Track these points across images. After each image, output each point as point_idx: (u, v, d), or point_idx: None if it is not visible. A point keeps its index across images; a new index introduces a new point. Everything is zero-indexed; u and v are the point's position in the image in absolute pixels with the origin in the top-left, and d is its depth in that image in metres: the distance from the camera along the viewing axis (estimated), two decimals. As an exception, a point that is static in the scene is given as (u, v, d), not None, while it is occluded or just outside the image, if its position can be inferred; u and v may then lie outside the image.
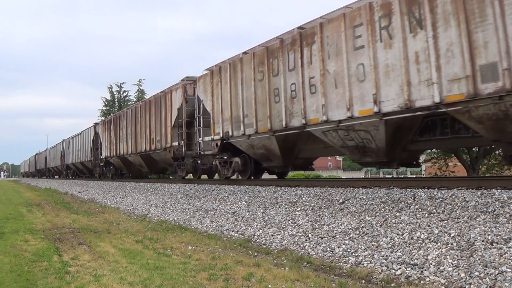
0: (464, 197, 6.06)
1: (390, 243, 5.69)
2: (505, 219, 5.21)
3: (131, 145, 20.70)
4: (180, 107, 15.63)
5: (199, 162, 15.72)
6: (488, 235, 4.96)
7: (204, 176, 17.24)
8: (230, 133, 12.16)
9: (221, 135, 12.63)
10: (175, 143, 15.90)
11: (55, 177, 48.96)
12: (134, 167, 22.23)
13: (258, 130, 11.00)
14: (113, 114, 29.89)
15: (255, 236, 7.68)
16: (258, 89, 10.97)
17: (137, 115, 20.23)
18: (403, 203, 6.71)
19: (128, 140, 21.25)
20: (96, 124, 29.24)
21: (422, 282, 4.65)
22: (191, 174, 17.07)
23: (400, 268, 5.06)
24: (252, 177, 12.99)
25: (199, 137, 14.47)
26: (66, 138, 39.23)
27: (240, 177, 13.63)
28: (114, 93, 51.48)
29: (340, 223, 6.87)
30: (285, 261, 5.99)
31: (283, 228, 7.58)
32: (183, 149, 15.47)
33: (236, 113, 11.93)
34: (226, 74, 12.36)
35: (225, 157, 13.20)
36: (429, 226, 5.70)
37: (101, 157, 26.33)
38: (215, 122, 13.04)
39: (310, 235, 6.87)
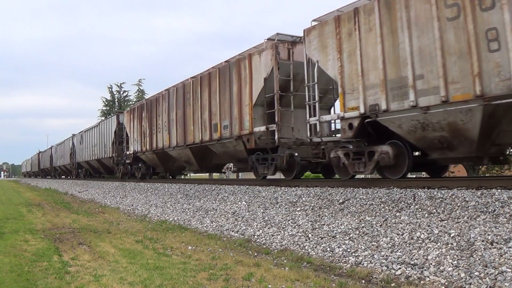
0: (464, 197, 6.06)
1: (390, 243, 5.69)
2: (505, 219, 5.21)
3: (176, 136, 16.18)
4: (268, 76, 11.31)
5: (296, 154, 11.27)
6: (488, 235, 4.96)
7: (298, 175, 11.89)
8: (383, 106, 8.09)
9: (362, 110, 8.51)
10: (259, 128, 11.61)
11: (62, 177, 44.83)
12: (176, 163, 17.99)
13: (449, 98, 7.06)
14: (144, 99, 24.11)
15: (255, 236, 7.68)
16: (449, 32, 7.05)
17: (187, 95, 15.28)
18: (403, 203, 6.71)
19: (170, 129, 16.68)
20: (119, 113, 24.55)
21: (422, 282, 4.65)
22: (281, 173, 11.98)
23: (400, 268, 5.06)
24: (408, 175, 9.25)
25: (310, 117, 9.99)
26: (77, 133, 34.03)
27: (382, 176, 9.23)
28: (114, 93, 51.59)
29: (340, 223, 6.87)
30: (285, 261, 5.99)
31: (283, 228, 7.58)
32: (276, 136, 11.11)
33: (395, 75, 7.95)
34: (371, 18, 8.37)
35: (363, 145, 8.92)
36: (429, 226, 5.70)
37: (128, 152, 21.75)
38: (346, 91, 8.91)
39: (310, 235, 6.87)
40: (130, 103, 47.15)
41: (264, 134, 11.50)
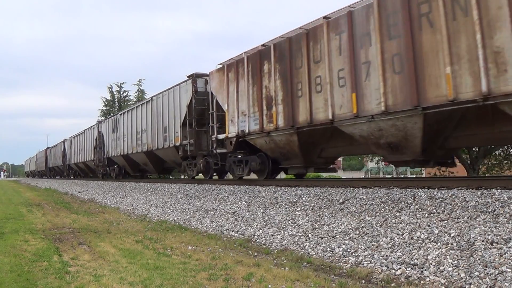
0: (464, 197, 6.06)
1: (390, 243, 5.69)
2: (505, 219, 5.21)
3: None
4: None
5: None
6: (488, 235, 4.96)
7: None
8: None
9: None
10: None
11: (77, 177, 37.37)
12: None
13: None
14: (259, 46, 12.35)
15: (255, 236, 7.68)
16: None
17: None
18: (403, 203, 6.71)
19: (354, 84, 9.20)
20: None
21: (422, 282, 4.65)
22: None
23: (400, 268, 5.06)
24: None
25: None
26: (105, 119, 28.53)
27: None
28: (114, 93, 51.64)
29: (340, 223, 6.87)
30: (285, 261, 5.99)
31: (283, 228, 7.58)
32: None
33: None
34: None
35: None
36: (429, 226, 5.70)
37: (222, 136, 13.22)
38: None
39: (310, 235, 6.87)
40: (130, 103, 47.16)
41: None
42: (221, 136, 13.18)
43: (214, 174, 15.82)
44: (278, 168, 11.92)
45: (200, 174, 15.87)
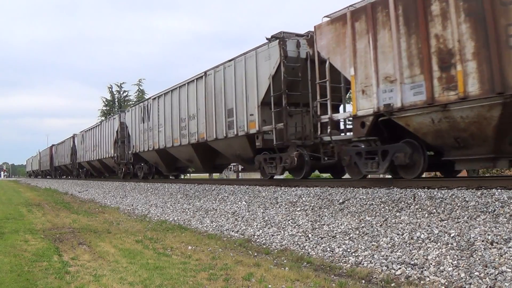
0: (464, 197, 6.06)
1: (390, 243, 5.69)
2: (505, 219, 5.21)
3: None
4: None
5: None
6: (488, 235, 4.96)
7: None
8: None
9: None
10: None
11: (90, 177, 31.54)
12: None
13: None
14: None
15: (255, 236, 7.68)
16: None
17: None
18: (403, 203, 6.71)
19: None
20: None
21: (422, 282, 4.65)
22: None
23: (400, 268, 5.06)
24: None
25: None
26: (126, 110, 23.21)
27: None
28: (114, 93, 51.66)
29: (340, 223, 6.87)
30: (285, 261, 5.99)
31: (283, 228, 7.58)
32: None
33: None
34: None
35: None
36: (429, 226, 5.70)
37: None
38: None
39: (310, 235, 6.87)
40: (130, 103, 47.17)
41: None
42: (339, 116, 9.84)
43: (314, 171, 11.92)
44: (441, 161, 8.02)
45: (287, 173, 12.27)
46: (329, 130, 9.53)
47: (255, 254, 6.57)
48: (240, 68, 12.20)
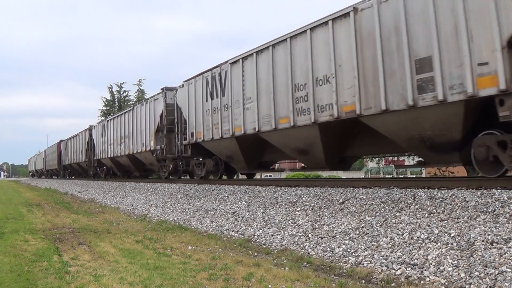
0: (464, 197, 6.06)
1: (390, 243, 5.69)
2: (505, 219, 5.21)
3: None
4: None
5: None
6: (488, 235, 4.96)
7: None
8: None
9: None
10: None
11: (113, 177, 26.06)
12: None
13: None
14: None
15: (255, 236, 7.68)
16: None
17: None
18: (403, 203, 6.71)
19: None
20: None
21: (422, 282, 4.65)
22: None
23: (400, 268, 5.06)
24: None
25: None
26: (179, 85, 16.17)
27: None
28: (114, 93, 51.65)
29: (340, 223, 6.87)
30: (285, 261, 5.99)
31: (283, 228, 7.58)
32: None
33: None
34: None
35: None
36: (429, 226, 5.70)
37: None
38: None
39: (310, 235, 6.87)
40: (130, 103, 47.16)
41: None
42: None
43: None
44: None
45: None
46: None
47: (255, 254, 6.57)
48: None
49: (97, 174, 28.37)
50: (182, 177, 18.92)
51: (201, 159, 15.15)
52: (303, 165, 11.44)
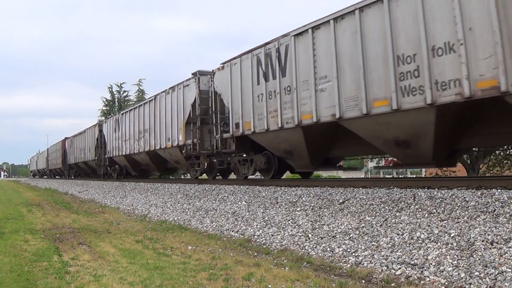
0: (464, 197, 6.06)
1: (390, 243, 5.69)
2: (505, 219, 5.21)
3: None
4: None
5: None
6: (488, 235, 4.96)
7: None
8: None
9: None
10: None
11: (128, 177, 23.32)
12: None
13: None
14: None
15: (255, 236, 7.68)
16: None
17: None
18: (403, 203, 6.71)
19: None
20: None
21: (422, 282, 4.65)
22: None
23: (400, 268, 5.06)
24: None
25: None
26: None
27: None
28: (114, 93, 51.59)
29: (340, 223, 6.87)
30: (285, 261, 5.98)
31: (283, 228, 7.58)
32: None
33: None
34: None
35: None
36: (429, 226, 5.70)
37: None
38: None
39: (310, 235, 6.87)
40: (130, 103, 47.15)
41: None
42: None
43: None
44: None
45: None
46: None
47: (255, 254, 6.57)
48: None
49: (108, 174, 25.22)
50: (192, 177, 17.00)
51: (244, 155, 12.57)
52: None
